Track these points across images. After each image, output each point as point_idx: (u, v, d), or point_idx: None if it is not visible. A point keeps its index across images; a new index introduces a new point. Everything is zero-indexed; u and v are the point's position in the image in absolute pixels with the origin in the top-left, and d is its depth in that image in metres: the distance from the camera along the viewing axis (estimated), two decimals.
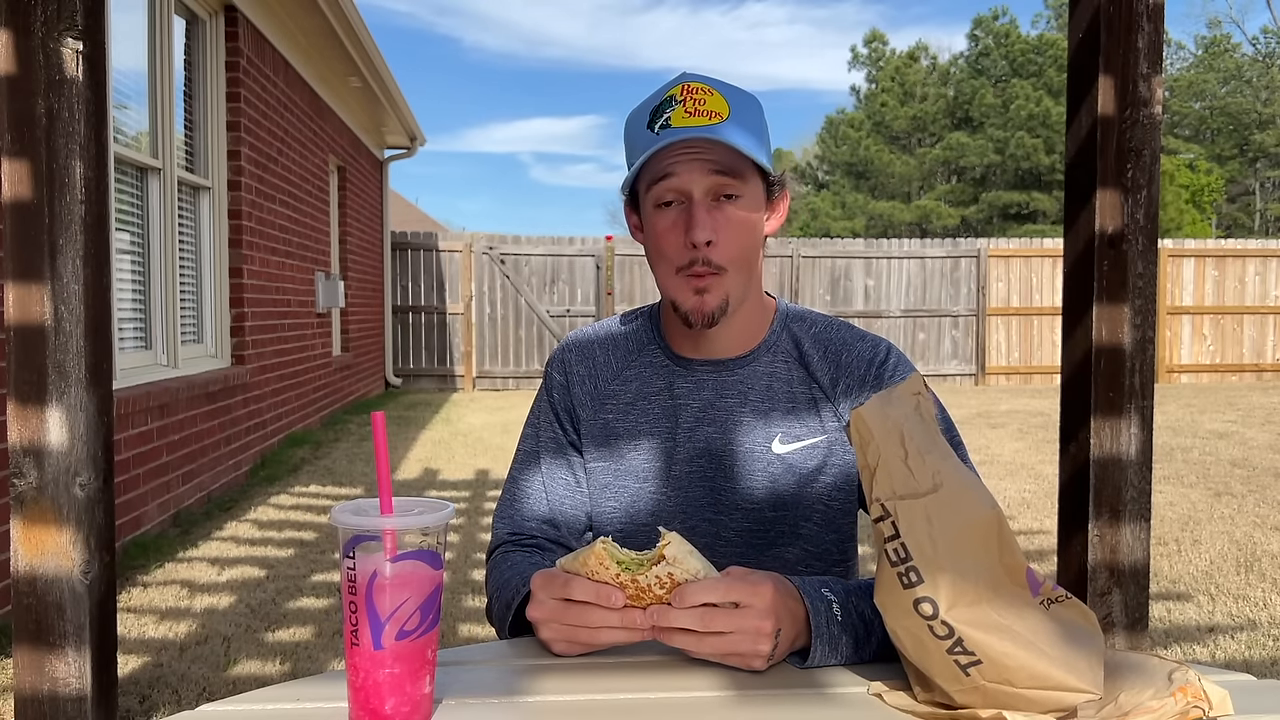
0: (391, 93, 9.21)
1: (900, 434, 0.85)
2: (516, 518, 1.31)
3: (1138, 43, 1.62)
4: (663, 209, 1.19)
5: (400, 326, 12.26)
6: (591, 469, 1.31)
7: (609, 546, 0.91)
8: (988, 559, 0.83)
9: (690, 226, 1.16)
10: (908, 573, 0.82)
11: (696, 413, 1.27)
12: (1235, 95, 33.93)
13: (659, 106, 1.18)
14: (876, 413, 0.86)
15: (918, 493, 0.83)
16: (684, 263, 1.18)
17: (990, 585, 0.82)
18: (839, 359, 1.28)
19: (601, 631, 0.94)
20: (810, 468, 1.25)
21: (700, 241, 1.16)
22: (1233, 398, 10.99)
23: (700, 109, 1.15)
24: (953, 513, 0.83)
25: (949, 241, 13.27)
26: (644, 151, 1.17)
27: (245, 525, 4.85)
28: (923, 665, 0.84)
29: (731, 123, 1.16)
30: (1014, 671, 0.80)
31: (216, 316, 5.93)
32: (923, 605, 0.82)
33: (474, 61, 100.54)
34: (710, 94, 1.17)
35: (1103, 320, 1.67)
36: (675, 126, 1.15)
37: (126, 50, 4.82)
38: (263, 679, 2.89)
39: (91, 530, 1.41)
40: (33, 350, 1.39)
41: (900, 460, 0.84)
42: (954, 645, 0.81)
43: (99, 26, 1.41)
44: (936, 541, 0.82)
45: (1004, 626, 0.81)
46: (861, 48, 36.50)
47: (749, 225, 1.20)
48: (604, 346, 1.35)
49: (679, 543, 0.90)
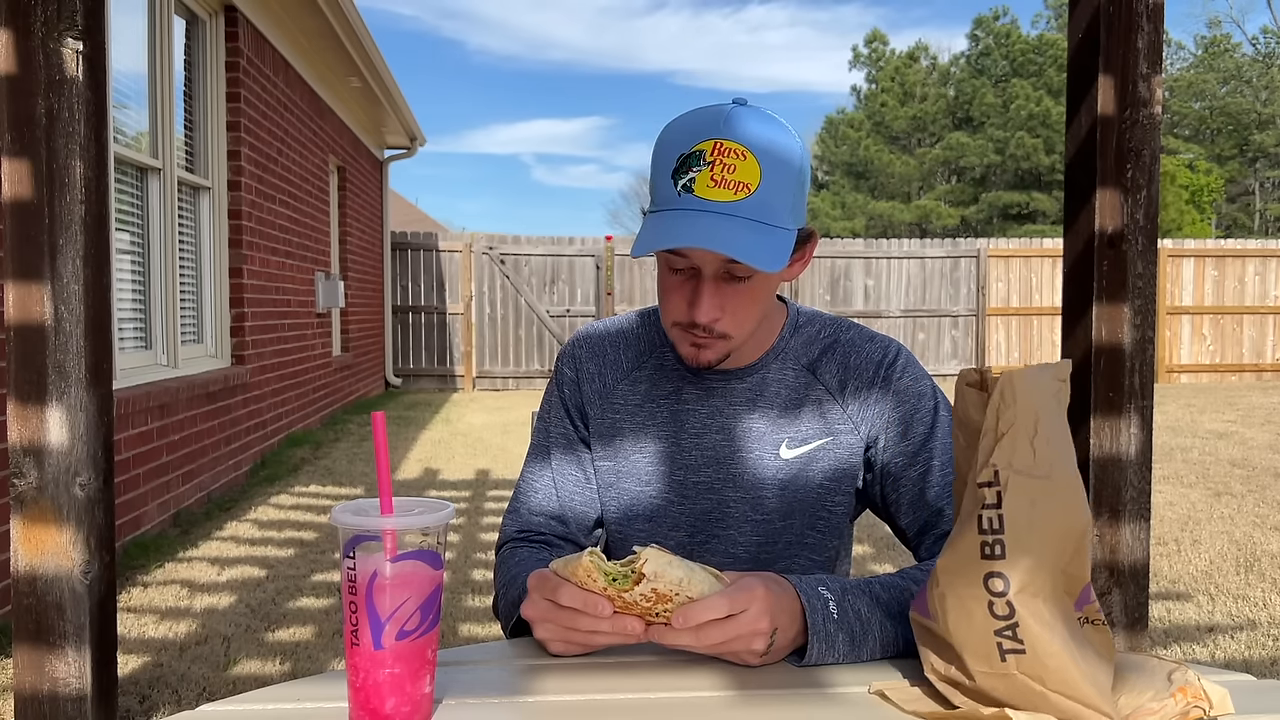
0: (391, 93, 9.21)
1: (1037, 412, 0.83)
2: (525, 514, 1.31)
3: (1138, 43, 1.62)
4: (671, 271, 1.17)
5: (400, 326, 12.26)
6: (598, 467, 1.31)
7: (596, 558, 0.91)
8: (1060, 561, 0.83)
9: (694, 303, 1.13)
10: (994, 545, 0.81)
11: (704, 419, 1.27)
12: (1235, 95, 33.91)
13: (687, 158, 1.09)
14: (1027, 382, 0.84)
15: (1032, 474, 0.82)
16: (684, 322, 1.17)
17: (1053, 585, 0.82)
18: (847, 361, 1.27)
19: (594, 635, 0.94)
20: (815, 471, 1.25)
21: (703, 321, 1.14)
22: (1232, 398, 10.98)
23: (727, 179, 1.07)
24: (1053, 505, 0.82)
25: (949, 241, 13.27)
26: (662, 210, 1.11)
27: (245, 525, 4.85)
28: (956, 637, 0.84)
29: (757, 199, 1.07)
30: (1051, 672, 0.80)
31: (216, 316, 5.93)
32: (995, 580, 0.81)
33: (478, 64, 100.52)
34: (743, 158, 1.07)
35: (1102, 320, 1.67)
36: (698, 195, 1.07)
37: (126, 50, 4.81)
38: (263, 679, 2.89)
39: (91, 530, 1.41)
40: (33, 350, 1.39)
41: (1029, 437, 0.83)
42: (1007, 629, 0.81)
43: (99, 26, 1.41)
44: (1032, 526, 0.81)
45: (1056, 627, 0.81)
46: (862, 48, 36.51)
47: (759, 298, 1.17)
48: (615, 344, 1.34)
49: (656, 556, 0.89)
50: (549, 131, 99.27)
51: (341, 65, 8.08)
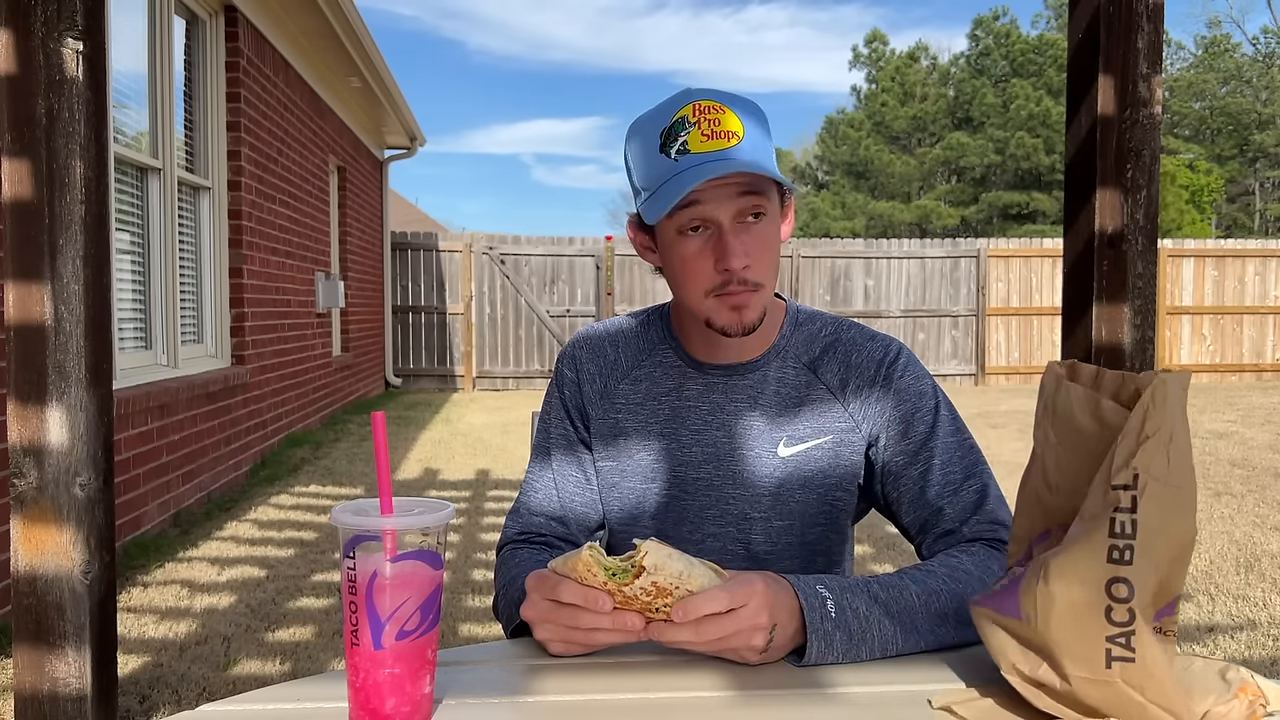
0: (391, 93, 9.21)
1: (1174, 420, 0.82)
2: (526, 515, 1.32)
3: (1138, 43, 1.62)
4: (687, 235, 1.17)
5: (400, 326, 12.26)
6: (600, 468, 1.32)
7: (596, 553, 0.91)
8: (1167, 571, 0.82)
9: (724, 254, 1.15)
10: (1124, 550, 0.79)
11: (705, 415, 1.27)
12: (1235, 95, 33.91)
13: (670, 129, 1.15)
14: (1175, 389, 0.82)
15: (1167, 482, 0.80)
16: (714, 285, 1.18)
17: (1155, 595, 0.81)
18: (849, 360, 1.27)
19: (594, 633, 0.94)
20: (815, 469, 1.25)
21: (737, 269, 1.15)
22: (1233, 398, 10.98)
23: (716, 130, 1.13)
24: (1177, 516, 0.80)
25: (949, 241, 13.27)
26: (665, 179, 1.14)
27: (245, 525, 4.85)
28: (1056, 638, 0.81)
29: (749, 141, 1.14)
30: (1154, 682, 0.78)
31: (216, 316, 5.93)
32: (1118, 586, 0.79)
33: (478, 64, 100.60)
34: (723, 111, 1.14)
35: (1102, 320, 1.67)
36: (695, 152, 1.13)
37: (126, 50, 4.81)
38: (263, 679, 2.89)
39: (91, 530, 1.41)
40: (33, 350, 1.39)
41: (1165, 445, 0.81)
42: (1121, 635, 0.79)
43: (99, 26, 1.41)
44: (1159, 534, 0.79)
45: (1161, 638, 0.80)
46: (862, 48, 36.51)
47: (775, 239, 1.21)
48: (615, 344, 1.34)
49: (656, 550, 0.89)
50: (549, 131, 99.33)
51: (341, 65, 8.08)
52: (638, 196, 1.21)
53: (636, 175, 1.21)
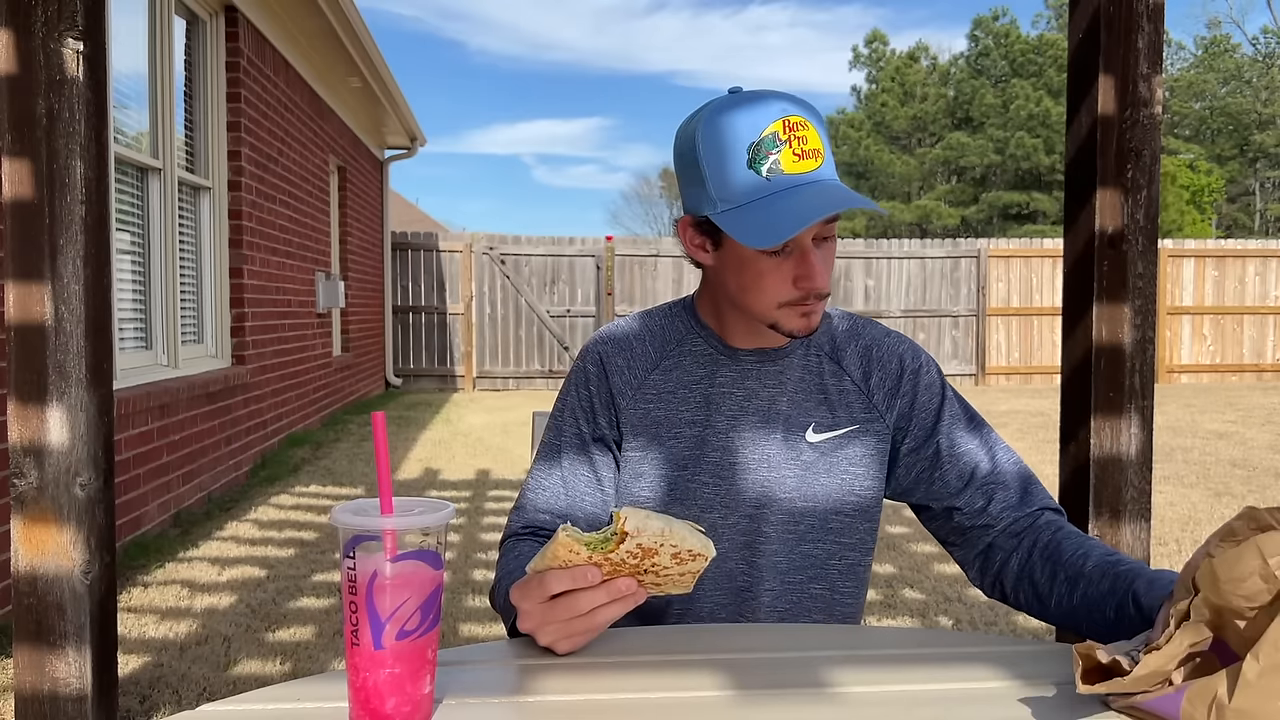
0: (392, 93, 9.21)
1: None
2: (530, 510, 1.32)
3: (1138, 43, 1.62)
4: (767, 256, 1.19)
5: (400, 326, 12.26)
6: (629, 457, 1.32)
7: (572, 532, 0.91)
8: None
9: (809, 275, 1.18)
10: None
11: (740, 401, 1.30)
12: (1235, 95, 33.91)
13: (759, 144, 1.14)
14: None
15: None
16: (792, 299, 1.21)
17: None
18: (869, 353, 1.33)
19: (595, 613, 0.95)
20: (842, 456, 1.29)
21: (825, 288, 1.19)
22: (1233, 398, 10.98)
23: (805, 150, 1.15)
24: None
25: (949, 241, 13.27)
26: (757, 197, 1.14)
27: (245, 525, 4.85)
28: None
29: (829, 160, 1.17)
30: None
31: (217, 316, 5.93)
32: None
33: (478, 64, 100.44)
34: (807, 127, 1.15)
35: (1103, 320, 1.67)
36: (788, 173, 1.14)
37: (126, 50, 4.82)
38: (263, 679, 2.89)
39: (92, 530, 1.41)
40: (33, 350, 1.39)
41: None
42: None
43: (99, 26, 1.41)
44: None
45: None
46: (862, 48, 36.52)
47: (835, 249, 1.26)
48: (640, 338, 1.35)
49: (634, 514, 0.90)
50: (550, 132, 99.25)
51: (342, 65, 8.08)
52: (706, 200, 1.19)
53: (714, 183, 1.18)
